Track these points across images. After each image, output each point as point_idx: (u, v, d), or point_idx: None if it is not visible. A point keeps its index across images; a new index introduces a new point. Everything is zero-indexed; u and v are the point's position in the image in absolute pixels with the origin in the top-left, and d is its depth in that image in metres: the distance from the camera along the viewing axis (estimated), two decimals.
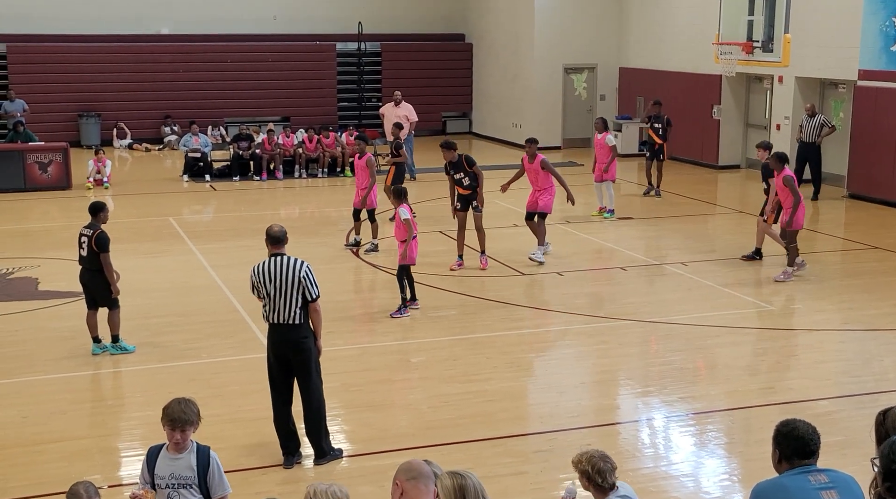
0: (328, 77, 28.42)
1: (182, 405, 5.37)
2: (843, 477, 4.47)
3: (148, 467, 5.45)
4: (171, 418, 5.36)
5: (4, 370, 10.00)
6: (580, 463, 5.04)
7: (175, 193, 20.51)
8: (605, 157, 17.12)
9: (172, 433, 5.39)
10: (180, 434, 5.38)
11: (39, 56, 26.15)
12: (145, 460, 5.49)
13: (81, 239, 10.26)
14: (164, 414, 5.41)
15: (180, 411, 5.37)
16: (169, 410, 5.39)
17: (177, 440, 5.39)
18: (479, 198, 13.62)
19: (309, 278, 7.69)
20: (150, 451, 5.51)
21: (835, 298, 12.71)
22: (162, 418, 5.44)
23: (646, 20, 25.36)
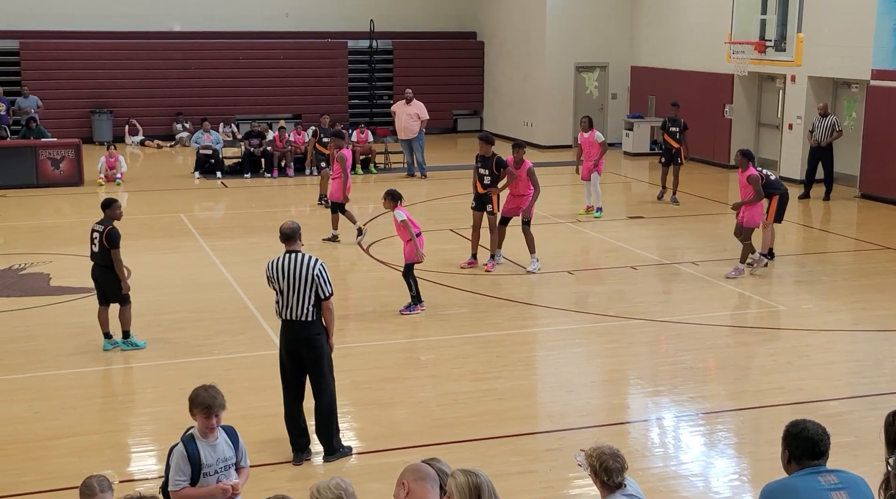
0: (340, 75, 28.45)
1: (211, 391, 5.46)
2: (852, 478, 4.46)
3: (191, 463, 5.42)
4: (206, 404, 5.43)
5: (16, 366, 10.05)
6: (590, 457, 4.97)
7: (186, 189, 20.56)
8: (596, 153, 17.10)
9: (208, 420, 5.45)
10: (216, 419, 5.47)
11: (52, 53, 26.25)
12: (183, 458, 5.41)
13: (93, 235, 10.31)
14: (195, 403, 5.45)
15: (210, 397, 5.45)
16: (199, 398, 5.45)
17: (212, 426, 5.47)
18: (494, 202, 13.61)
19: (322, 276, 7.71)
20: (186, 448, 5.44)
21: (846, 298, 12.67)
22: (193, 408, 5.48)
23: (658, 19, 25.31)
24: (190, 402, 5.51)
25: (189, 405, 5.53)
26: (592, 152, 17.17)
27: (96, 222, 10.38)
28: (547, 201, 18.20)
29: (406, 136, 21.82)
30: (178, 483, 5.43)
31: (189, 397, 5.54)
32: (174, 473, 5.45)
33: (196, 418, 5.50)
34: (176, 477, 5.44)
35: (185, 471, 5.42)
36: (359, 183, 21.25)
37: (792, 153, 21.01)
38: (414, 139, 21.76)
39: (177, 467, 5.44)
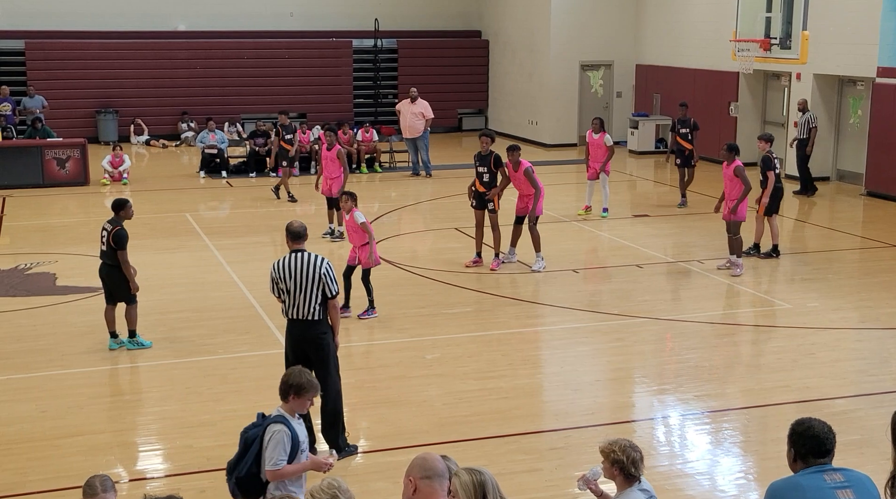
0: (344, 74, 28.46)
1: (305, 374, 5.69)
2: (858, 476, 4.46)
3: (293, 441, 5.56)
4: (302, 387, 5.64)
5: (23, 365, 10.07)
6: (613, 453, 5.00)
7: (191, 189, 20.59)
8: (603, 156, 17.03)
9: (304, 402, 5.65)
10: (310, 402, 5.69)
11: (58, 52, 26.29)
12: (287, 437, 5.54)
13: (102, 233, 10.34)
14: (292, 385, 5.65)
15: (306, 380, 5.67)
16: (296, 380, 5.66)
17: (306, 407, 5.69)
18: (495, 200, 13.60)
19: (329, 275, 7.73)
20: (289, 428, 5.57)
21: (852, 296, 12.65)
22: (287, 389, 5.65)
23: (662, 17, 25.28)
24: (285, 384, 5.66)
25: (282, 387, 5.67)
26: (599, 154, 17.11)
27: (107, 221, 10.40)
28: (552, 200, 18.20)
29: (411, 134, 21.83)
30: (280, 463, 5.52)
31: (283, 378, 5.69)
32: (277, 452, 5.52)
33: (289, 400, 5.66)
34: (278, 456, 5.52)
35: (287, 450, 5.55)
36: (364, 182, 21.27)
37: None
38: (419, 138, 21.77)
39: (281, 447, 5.52)
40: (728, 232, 13.58)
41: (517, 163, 13.55)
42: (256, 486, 5.61)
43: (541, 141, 26.47)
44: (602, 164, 16.97)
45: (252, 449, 5.62)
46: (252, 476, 5.61)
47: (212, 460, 7.86)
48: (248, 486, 5.64)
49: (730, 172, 13.35)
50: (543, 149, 25.92)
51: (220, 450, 8.05)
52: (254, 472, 5.60)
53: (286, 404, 5.67)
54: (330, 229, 15.59)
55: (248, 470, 5.61)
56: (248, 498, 5.71)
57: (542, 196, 13.62)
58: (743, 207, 13.35)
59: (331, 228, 15.59)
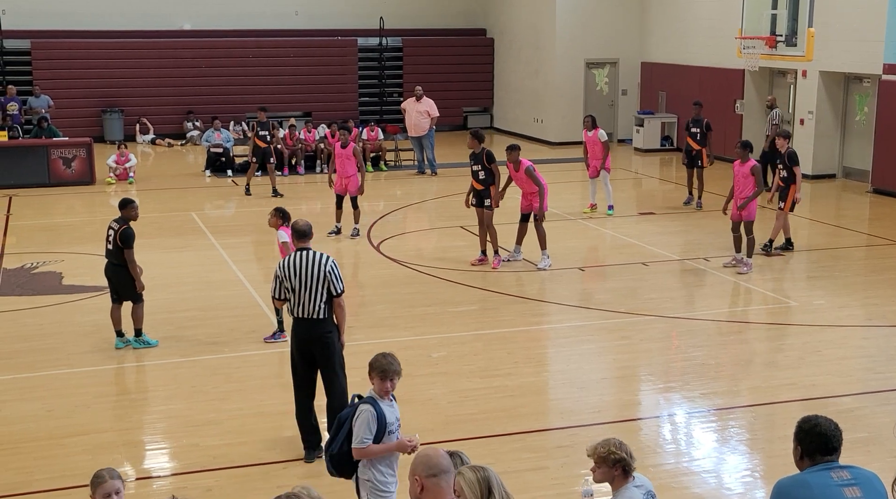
0: (350, 72, 28.46)
1: (388, 358, 5.83)
2: (865, 474, 4.44)
3: (378, 422, 5.70)
4: (382, 369, 5.78)
5: (29, 364, 10.09)
6: (613, 454, 5.02)
7: (197, 188, 20.61)
8: (601, 152, 17.01)
9: (384, 384, 5.78)
10: (390, 383, 5.80)
11: (63, 52, 26.33)
12: (373, 417, 5.67)
13: (109, 232, 10.35)
14: (374, 367, 5.82)
15: (388, 363, 5.80)
16: (377, 364, 5.81)
17: (387, 389, 5.80)
18: (493, 196, 13.59)
19: (334, 273, 7.73)
20: (375, 409, 5.71)
21: (859, 294, 12.62)
22: (371, 372, 5.82)
23: (668, 14, 25.24)
24: (369, 366, 5.84)
25: (368, 370, 5.85)
26: (597, 151, 17.09)
27: (113, 220, 10.41)
28: (558, 198, 18.19)
29: (416, 133, 21.83)
30: (365, 441, 5.68)
31: (369, 362, 5.85)
32: (363, 432, 5.68)
33: (373, 382, 5.82)
34: (364, 436, 5.68)
35: (373, 429, 5.69)
36: (369, 180, 21.27)
37: (804, 149, 20.89)
38: (424, 136, 21.76)
39: (366, 425, 5.68)
40: (733, 231, 13.53)
41: (517, 162, 13.51)
42: (349, 463, 5.80)
43: (546, 139, 26.45)
44: (601, 161, 16.94)
45: (344, 427, 5.82)
46: (344, 454, 5.80)
47: (217, 459, 7.88)
48: (341, 463, 5.84)
49: (745, 170, 13.24)
50: (549, 147, 25.90)
51: (225, 449, 8.07)
52: (345, 450, 5.80)
53: (374, 386, 5.85)
54: (336, 228, 15.60)
55: (339, 448, 5.81)
56: (341, 475, 5.94)
57: (547, 193, 13.59)
58: (753, 206, 13.30)
59: (337, 226, 15.59)
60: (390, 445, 5.77)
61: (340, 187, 15.46)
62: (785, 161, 14.17)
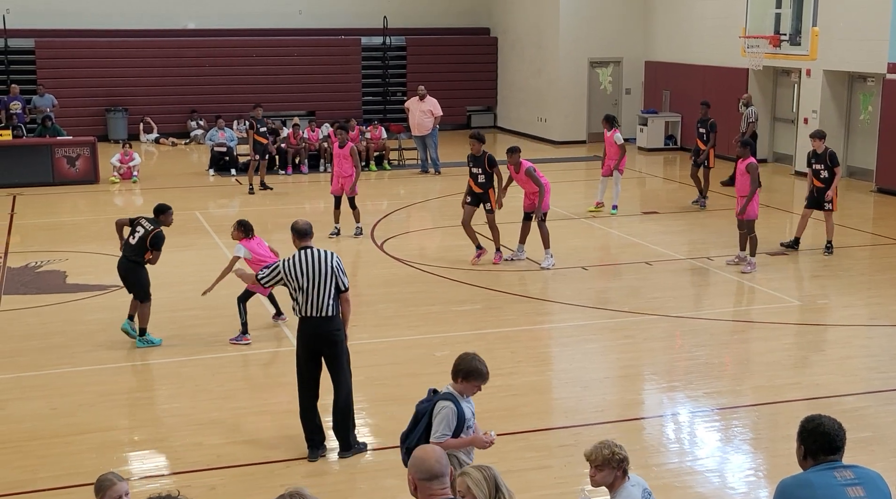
0: (353, 72, 28.47)
1: (476, 361, 5.91)
2: (869, 473, 4.44)
3: (458, 418, 5.78)
4: (470, 372, 5.85)
5: (33, 363, 10.11)
6: (615, 454, 5.07)
7: (201, 187, 20.63)
8: (616, 153, 17.01)
9: (471, 386, 5.90)
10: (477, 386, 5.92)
11: (67, 51, 26.37)
12: (453, 413, 5.77)
13: (137, 228, 10.43)
14: (459, 368, 5.89)
15: (476, 367, 5.88)
16: (462, 364, 5.90)
17: (474, 391, 5.91)
18: (492, 200, 13.59)
19: (340, 268, 7.78)
20: (456, 405, 5.81)
21: (863, 293, 12.61)
22: (456, 372, 5.89)
23: (672, 13, 25.22)
24: (455, 366, 5.89)
25: (454, 369, 5.89)
26: (612, 152, 17.09)
27: (144, 218, 10.52)
28: (561, 198, 18.19)
29: (420, 132, 21.83)
30: (445, 436, 5.75)
31: (455, 361, 5.90)
32: (442, 427, 5.76)
33: (460, 383, 5.89)
34: (443, 431, 5.76)
35: (452, 425, 5.77)
36: (372, 179, 21.28)
37: (807, 148, 20.83)
38: (427, 135, 21.77)
39: (446, 421, 5.77)
40: (740, 229, 13.54)
41: (518, 164, 13.51)
42: None
43: (549, 138, 26.45)
44: (616, 161, 16.93)
45: (422, 422, 5.89)
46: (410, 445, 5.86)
47: (222, 458, 7.89)
48: None
49: (742, 168, 13.30)
50: (552, 146, 25.89)
51: (229, 447, 8.08)
52: (422, 443, 5.77)
53: (456, 384, 5.89)
54: (336, 229, 15.58)
55: (417, 441, 5.85)
56: None
57: (548, 192, 13.58)
58: (754, 205, 13.30)
59: (336, 227, 15.58)
60: (466, 439, 5.84)
61: (337, 188, 15.45)
62: (826, 161, 14.13)
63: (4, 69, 26.07)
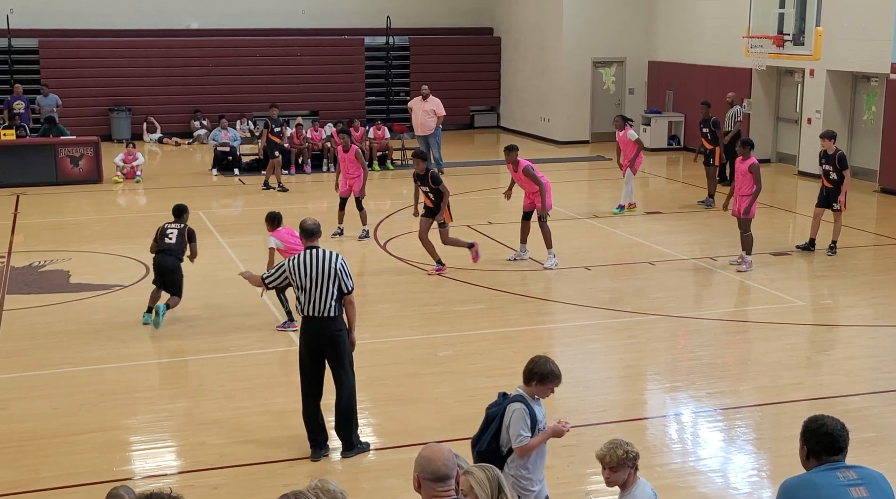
0: (356, 71, 28.46)
1: (550, 364, 5.84)
2: (872, 474, 4.43)
3: (532, 418, 5.76)
4: (545, 375, 5.79)
5: (36, 362, 10.11)
6: (627, 453, 5.12)
7: (204, 186, 20.63)
8: (631, 152, 16.99)
9: (546, 389, 5.84)
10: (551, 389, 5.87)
11: (71, 51, 26.38)
12: (526, 414, 5.73)
13: (168, 231, 11.28)
14: (533, 371, 5.80)
15: (550, 369, 5.81)
16: (537, 367, 5.82)
17: (547, 394, 5.87)
18: (443, 215, 13.24)
19: (345, 270, 7.76)
20: (527, 407, 5.76)
21: (866, 293, 12.59)
22: (531, 375, 5.80)
23: (675, 13, 25.20)
24: (528, 370, 5.82)
25: (526, 373, 5.81)
26: (629, 150, 17.07)
27: (169, 223, 11.35)
28: (564, 197, 18.17)
29: (423, 132, 21.81)
30: (524, 438, 5.74)
31: (527, 365, 5.83)
32: (520, 429, 5.73)
33: (533, 385, 5.81)
34: (522, 433, 5.74)
35: (528, 426, 5.75)
36: (375, 179, 21.27)
37: (811, 148, 20.85)
38: (430, 135, 21.75)
39: (522, 423, 5.74)
40: (740, 228, 13.54)
41: (515, 162, 13.47)
42: (496, 459, 5.84)
43: (553, 138, 26.43)
44: (631, 159, 16.92)
45: (492, 425, 5.86)
46: (492, 450, 5.86)
47: (224, 457, 7.89)
48: (489, 459, 5.85)
49: (744, 168, 13.28)
50: (555, 146, 25.88)
51: (232, 447, 8.08)
52: (493, 447, 5.86)
53: (527, 387, 5.86)
54: (339, 229, 15.58)
55: (488, 444, 5.86)
56: None
57: (549, 191, 13.55)
58: (754, 204, 13.29)
59: (340, 228, 15.57)
60: (546, 432, 5.82)
61: (346, 190, 15.44)
62: (835, 163, 14.09)
63: (8, 69, 26.09)
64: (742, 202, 13.29)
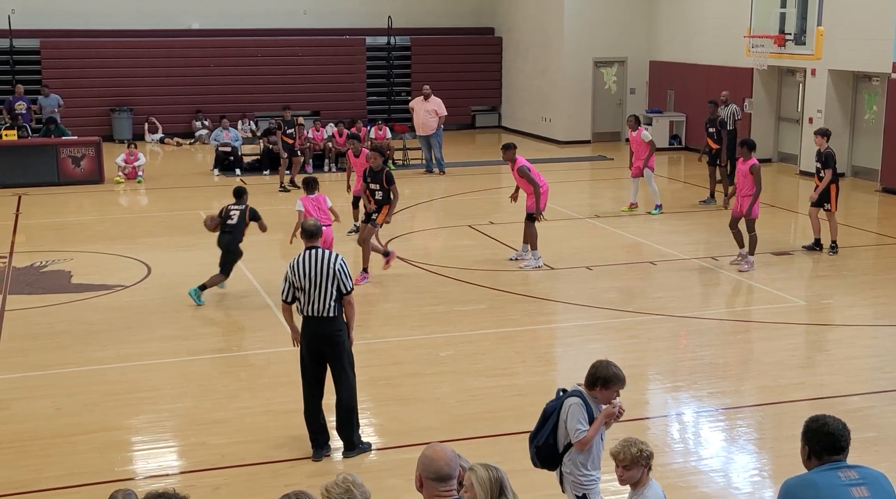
0: (358, 71, 28.48)
1: (612, 367, 5.79)
2: (873, 473, 4.43)
3: (588, 413, 5.73)
4: (608, 379, 5.75)
5: (38, 362, 10.13)
6: (642, 451, 5.14)
7: (206, 186, 20.65)
8: (644, 152, 16.95)
9: (611, 393, 5.77)
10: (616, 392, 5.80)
11: (72, 51, 26.40)
12: (582, 407, 5.71)
13: (231, 213, 12.20)
14: (597, 376, 5.76)
15: (613, 372, 5.77)
16: (599, 371, 5.78)
17: (612, 398, 5.78)
18: (382, 216, 12.89)
19: (344, 271, 7.76)
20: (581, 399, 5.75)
21: (867, 293, 12.59)
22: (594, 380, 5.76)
23: (676, 13, 25.20)
24: (591, 375, 5.78)
25: (589, 378, 5.77)
26: (640, 151, 17.04)
27: (230, 204, 12.28)
28: (565, 197, 18.19)
29: (424, 132, 21.83)
30: (582, 431, 5.72)
31: (590, 370, 5.78)
32: (578, 423, 5.71)
33: (597, 390, 5.77)
34: (579, 426, 5.72)
35: (585, 420, 5.72)
36: None
37: (812, 147, 20.83)
38: (432, 135, 21.77)
39: (579, 416, 5.72)
40: (731, 228, 13.56)
41: (513, 160, 13.41)
42: (553, 455, 5.89)
43: (554, 138, 26.44)
44: (645, 159, 16.90)
45: (550, 421, 5.88)
46: (549, 446, 5.88)
47: (226, 457, 7.89)
48: (546, 455, 5.93)
49: (745, 169, 13.29)
50: (557, 146, 25.88)
51: (234, 447, 8.09)
52: (550, 442, 5.88)
53: (593, 392, 5.81)
54: (355, 227, 15.58)
55: (545, 440, 5.89)
56: (545, 466, 6.02)
57: (545, 193, 13.49)
58: (756, 204, 13.30)
59: (356, 225, 15.57)
60: (599, 418, 5.77)
61: (359, 188, 15.36)
62: (823, 161, 14.12)
63: (10, 69, 26.11)
64: (744, 203, 13.29)
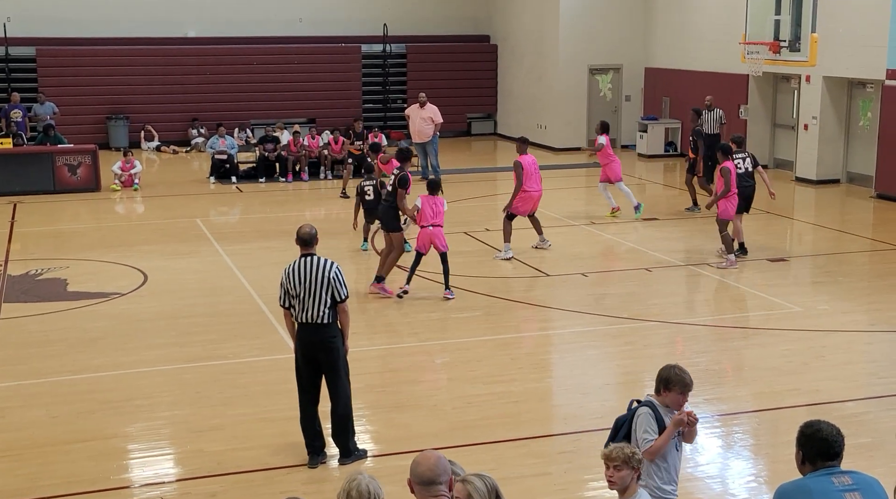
0: (353, 79, 28.51)
1: (674, 369, 5.75)
2: (866, 479, 4.45)
3: (658, 422, 5.69)
4: (669, 380, 5.71)
5: (33, 370, 10.12)
6: (635, 454, 5.20)
7: (202, 194, 20.65)
8: (604, 159, 17.17)
9: (676, 396, 5.72)
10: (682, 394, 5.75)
11: (68, 59, 26.40)
12: (651, 417, 5.67)
13: (366, 188, 13.90)
14: (659, 377, 5.74)
15: (675, 374, 5.71)
16: (662, 373, 5.75)
17: (682, 403, 5.72)
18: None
19: (338, 279, 7.76)
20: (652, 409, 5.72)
21: (862, 299, 12.61)
22: (658, 383, 5.73)
23: (671, 20, 25.26)
24: (658, 378, 5.75)
25: (657, 383, 5.74)
26: (602, 157, 17.27)
27: (363, 182, 14.00)
28: (560, 204, 18.23)
29: (420, 139, 21.84)
30: (650, 440, 5.68)
31: (659, 375, 5.73)
32: (646, 432, 5.68)
33: (668, 395, 5.73)
34: (647, 436, 5.69)
35: (654, 429, 5.69)
36: None
37: (808, 154, 20.93)
38: (428, 143, 21.78)
39: (648, 425, 5.69)
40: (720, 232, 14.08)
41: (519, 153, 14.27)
42: None
43: (549, 145, 26.46)
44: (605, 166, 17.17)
45: (621, 430, 5.85)
46: None
47: (222, 465, 7.89)
48: None
49: (718, 171, 14.09)
50: (552, 152, 25.91)
51: (230, 454, 8.09)
52: None
53: (660, 397, 5.79)
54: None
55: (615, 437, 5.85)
56: None
57: (525, 198, 14.15)
58: (724, 205, 13.70)
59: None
60: (669, 427, 5.71)
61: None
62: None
63: (5, 77, 26.12)
64: (720, 203, 13.84)
